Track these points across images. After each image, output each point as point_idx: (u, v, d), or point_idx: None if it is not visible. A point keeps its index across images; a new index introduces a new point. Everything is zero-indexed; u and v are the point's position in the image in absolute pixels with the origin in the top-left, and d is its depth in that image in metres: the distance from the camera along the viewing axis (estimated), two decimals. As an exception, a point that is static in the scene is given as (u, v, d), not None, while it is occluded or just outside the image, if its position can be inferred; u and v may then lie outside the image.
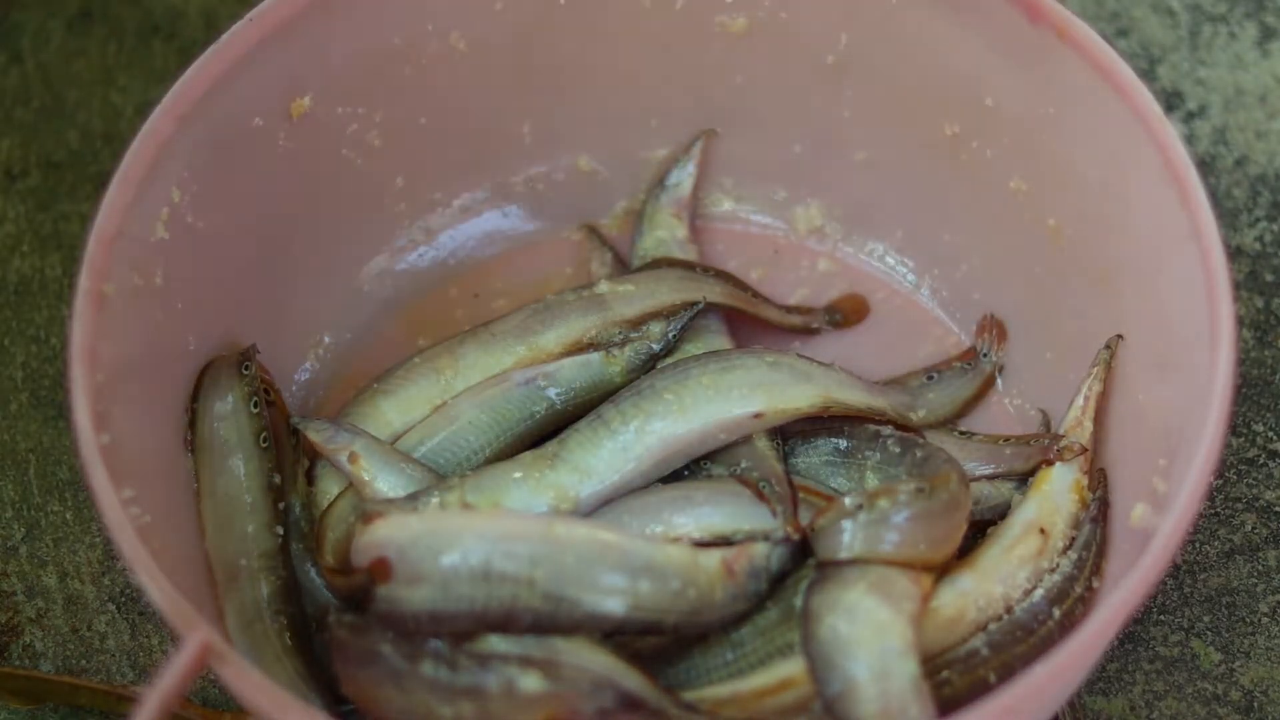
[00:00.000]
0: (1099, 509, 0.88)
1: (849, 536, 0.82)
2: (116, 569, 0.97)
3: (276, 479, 0.90)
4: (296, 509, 0.90)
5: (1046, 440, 0.91)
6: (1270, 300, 1.05)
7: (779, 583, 0.84)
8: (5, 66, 1.15)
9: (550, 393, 0.92)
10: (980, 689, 0.81)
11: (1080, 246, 0.92)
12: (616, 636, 0.81)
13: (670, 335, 0.94)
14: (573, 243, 1.05)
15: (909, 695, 0.77)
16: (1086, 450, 0.90)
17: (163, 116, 0.84)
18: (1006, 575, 0.86)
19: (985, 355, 0.98)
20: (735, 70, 0.99)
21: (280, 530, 0.89)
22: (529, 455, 0.89)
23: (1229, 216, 1.07)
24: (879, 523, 0.82)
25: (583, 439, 0.89)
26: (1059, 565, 0.87)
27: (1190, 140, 1.10)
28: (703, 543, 0.85)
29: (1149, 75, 1.13)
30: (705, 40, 0.98)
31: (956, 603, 0.84)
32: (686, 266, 0.98)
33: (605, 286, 0.96)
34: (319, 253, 0.98)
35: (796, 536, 0.85)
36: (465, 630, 0.79)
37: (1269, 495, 0.98)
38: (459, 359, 0.94)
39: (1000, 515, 0.90)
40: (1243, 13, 1.15)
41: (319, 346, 1.00)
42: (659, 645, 0.83)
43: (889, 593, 0.80)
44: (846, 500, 0.83)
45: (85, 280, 0.80)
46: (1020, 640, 0.84)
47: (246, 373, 0.90)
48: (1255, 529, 0.97)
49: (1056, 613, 0.85)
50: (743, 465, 0.89)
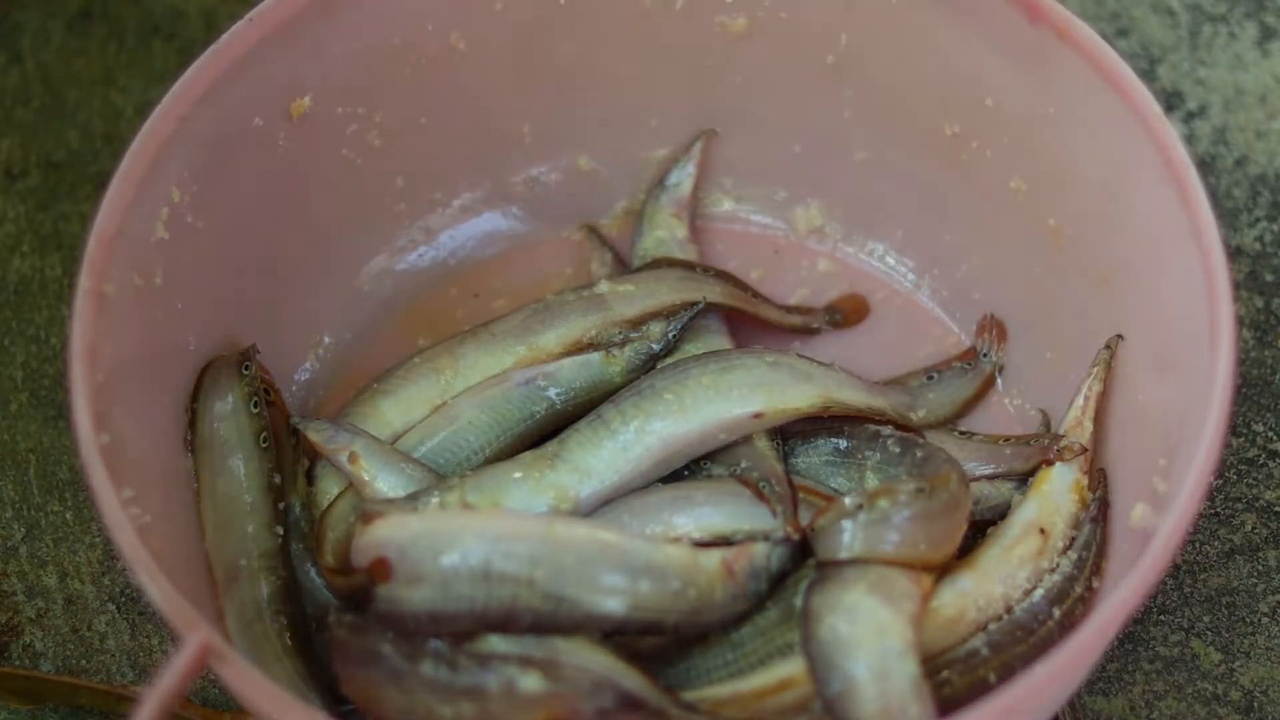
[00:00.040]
0: (1099, 509, 0.88)
1: (849, 536, 0.82)
2: (116, 569, 0.97)
3: (276, 479, 0.89)
4: (296, 509, 0.90)
5: (1046, 440, 0.91)
6: (1270, 300, 1.05)
7: (779, 583, 0.84)
8: (5, 66, 1.15)
9: (550, 393, 0.92)
10: (980, 689, 0.81)
11: (1080, 246, 0.92)
12: (616, 636, 0.81)
13: (670, 335, 0.94)
14: (573, 243, 1.05)
15: (909, 695, 0.77)
16: (1086, 450, 0.90)
17: (163, 116, 0.84)
18: (1006, 575, 0.86)
19: (985, 355, 0.98)
20: (735, 70, 0.99)
21: (280, 530, 0.89)
22: (529, 455, 0.89)
23: (1229, 216, 1.07)
24: (879, 523, 0.82)
25: (583, 439, 0.89)
26: (1059, 565, 0.87)
27: (1190, 140, 1.10)
28: (703, 543, 0.85)
29: (1149, 75, 1.13)
30: (705, 40, 0.98)
31: (956, 603, 0.84)
32: (686, 266, 0.98)
33: (605, 286, 0.96)
34: (319, 253, 0.98)
35: (796, 536, 0.85)
36: (465, 630, 0.79)
37: (1269, 495, 0.98)
38: (459, 359, 0.94)
39: (1000, 515, 0.90)
40: (1243, 13, 1.15)
41: (319, 346, 1.00)
42: (659, 645, 0.83)
43: (889, 593, 0.80)
44: (846, 500, 0.83)
45: (85, 280, 0.80)
46: (1020, 640, 0.83)
47: (246, 373, 0.90)
48: (1255, 529, 0.97)
49: (1056, 613, 0.84)
50: (743, 465, 0.89)
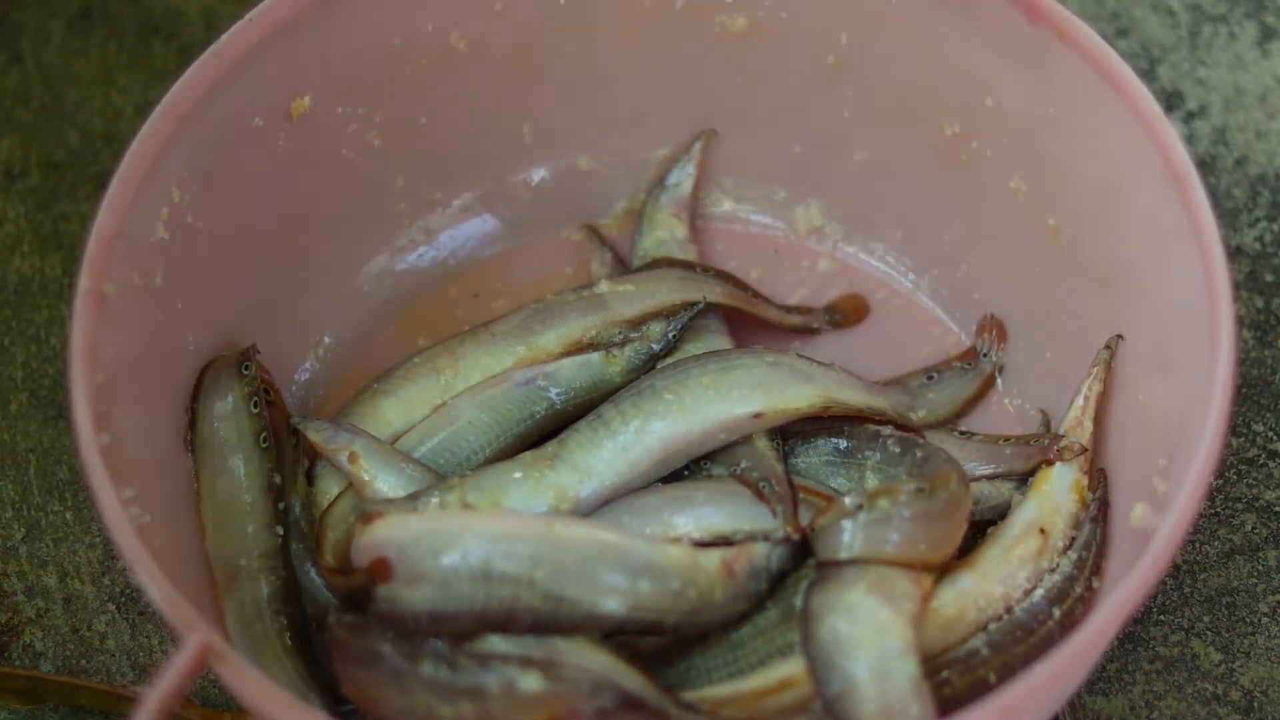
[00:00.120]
0: (1099, 509, 0.88)
1: (849, 536, 0.82)
2: (116, 569, 0.97)
3: (276, 479, 0.89)
4: (296, 509, 0.90)
5: (1046, 440, 0.91)
6: (1270, 300, 1.05)
7: (779, 583, 0.84)
8: (5, 66, 1.15)
9: (550, 393, 0.92)
10: (980, 689, 0.81)
11: (1080, 246, 0.92)
12: (616, 636, 0.81)
13: (670, 335, 0.94)
14: (573, 243, 1.04)
15: (909, 695, 0.77)
16: (1086, 450, 0.90)
17: (163, 116, 0.84)
18: (1006, 575, 0.86)
19: (985, 355, 0.98)
20: (735, 70, 0.99)
21: (280, 530, 0.89)
22: (529, 455, 0.89)
23: (1229, 216, 1.07)
24: (879, 523, 0.82)
25: (583, 439, 0.88)
26: (1059, 565, 0.87)
27: (1190, 140, 1.10)
28: (703, 543, 0.85)
29: (1149, 75, 1.13)
30: (705, 40, 0.98)
31: (956, 603, 0.84)
32: (686, 266, 0.98)
33: (605, 286, 0.96)
34: (319, 253, 0.98)
35: (796, 536, 0.85)
36: (465, 630, 0.79)
37: (1269, 495, 0.98)
38: (459, 359, 0.94)
39: (1000, 515, 0.90)
40: (1243, 13, 1.15)
41: (319, 346, 1.00)
42: (659, 645, 0.83)
43: (889, 593, 0.80)
44: (846, 500, 0.83)
45: (85, 280, 0.80)
46: (1020, 640, 0.83)
47: (246, 373, 0.90)
48: (1255, 529, 0.97)
49: (1056, 613, 0.84)
50: (743, 465, 0.89)
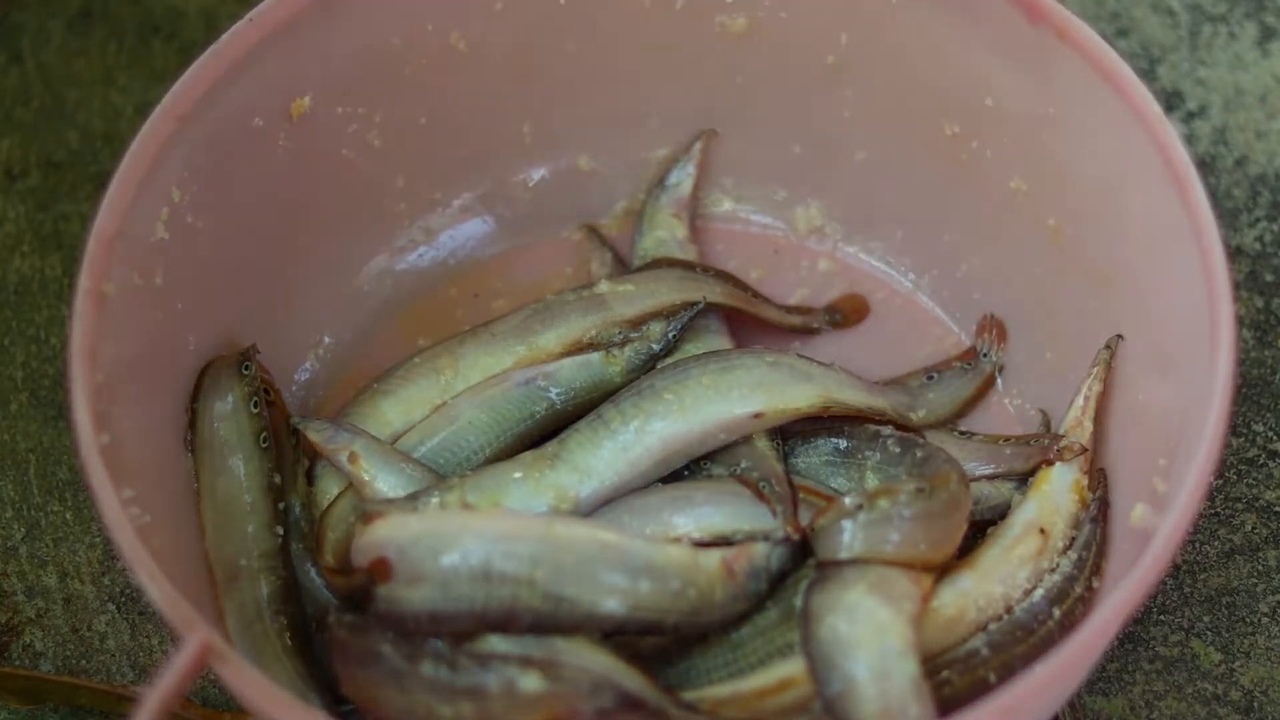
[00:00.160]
0: (1099, 509, 0.88)
1: (849, 536, 0.82)
2: (116, 569, 0.97)
3: (276, 479, 0.89)
4: (296, 509, 0.90)
5: (1046, 440, 0.91)
6: (1270, 300, 1.05)
7: (779, 583, 0.84)
8: (5, 66, 1.15)
9: (550, 393, 0.92)
10: (980, 689, 0.81)
11: (1080, 246, 0.92)
12: (616, 636, 0.81)
13: (670, 335, 0.94)
14: (573, 243, 1.04)
15: (909, 695, 0.77)
16: (1086, 450, 0.90)
17: (163, 116, 0.84)
18: (1006, 575, 0.86)
19: (985, 355, 0.98)
20: (735, 70, 0.99)
21: (280, 530, 0.89)
22: (529, 455, 0.89)
23: (1229, 216, 1.07)
24: (879, 523, 0.82)
25: (583, 439, 0.88)
26: (1059, 565, 0.87)
27: (1190, 140, 1.10)
28: (703, 543, 0.85)
29: (1149, 75, 1.13)
30: (705, 40, 0.98)
31: (956, 603, 0.84)
32: (686, 266, 0.98)
33: (605, 286, 0.96)
34: (319, 253, 0.98)
35: (796, 536, 0.85)
36: (465, 630, 0.79)
37: (1269, 495, 0.98)
38: (459, 359, 0.94)
39: (1000, 515, 0.90)
40: (1243, 13, 1.15)
41: (319, 346, 1.00)
42: (659, 645, 0.83)
43: (889, 593, 0.80)
44: (846, 500, 0.83)
45: (85, 280, 0.80)
46: (1020, 640, 0.83)
47: (246, 373, 0.90)
48: (1255, 529, 0.97)
49: (1056, 613, 0.84)
50: (743, 465, 0.89)
